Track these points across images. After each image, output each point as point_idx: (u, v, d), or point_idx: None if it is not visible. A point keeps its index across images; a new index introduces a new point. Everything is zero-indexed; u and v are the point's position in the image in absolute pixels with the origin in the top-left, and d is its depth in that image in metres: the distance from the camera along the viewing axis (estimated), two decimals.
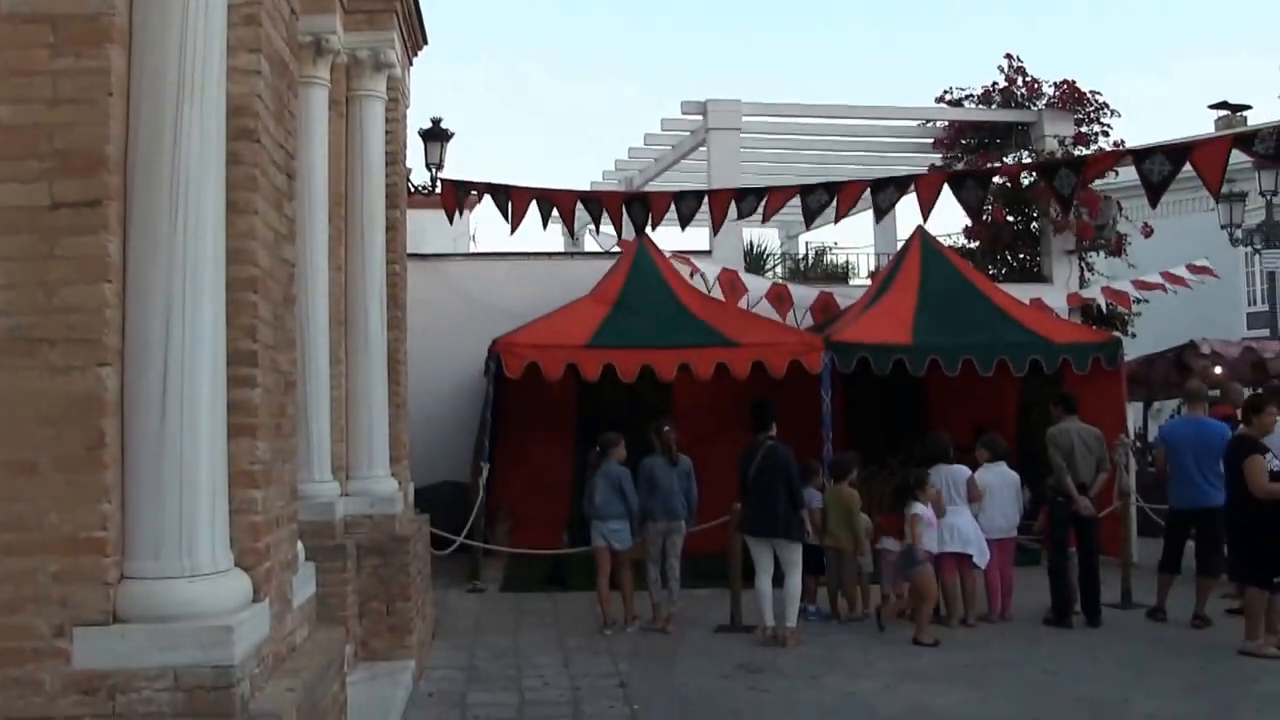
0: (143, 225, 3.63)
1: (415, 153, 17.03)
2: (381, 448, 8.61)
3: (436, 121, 17.48)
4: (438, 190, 15.96)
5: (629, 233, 14.20)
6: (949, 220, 53.77)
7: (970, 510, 10.43)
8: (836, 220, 12.43)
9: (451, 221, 14.59)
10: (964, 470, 10.59)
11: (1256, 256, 23.46)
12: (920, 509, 9.96)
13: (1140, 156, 10.60)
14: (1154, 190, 9.77)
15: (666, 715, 7.68)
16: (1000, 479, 10.77)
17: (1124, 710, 7.74)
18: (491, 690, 8.27)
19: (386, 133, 8.91)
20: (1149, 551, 11.26)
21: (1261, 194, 21.28)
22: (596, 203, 13.60)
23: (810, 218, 12.57)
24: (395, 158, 9.30)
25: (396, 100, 9.30)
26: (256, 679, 3.86)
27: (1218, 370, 15.11)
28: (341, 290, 8.33)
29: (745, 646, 9.64)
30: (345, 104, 8.44)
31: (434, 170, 17.38)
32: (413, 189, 16.55)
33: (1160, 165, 10.01)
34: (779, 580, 9.84)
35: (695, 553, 11.20)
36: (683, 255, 15.77)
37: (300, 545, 5.06)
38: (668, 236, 14.80)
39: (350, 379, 8.41)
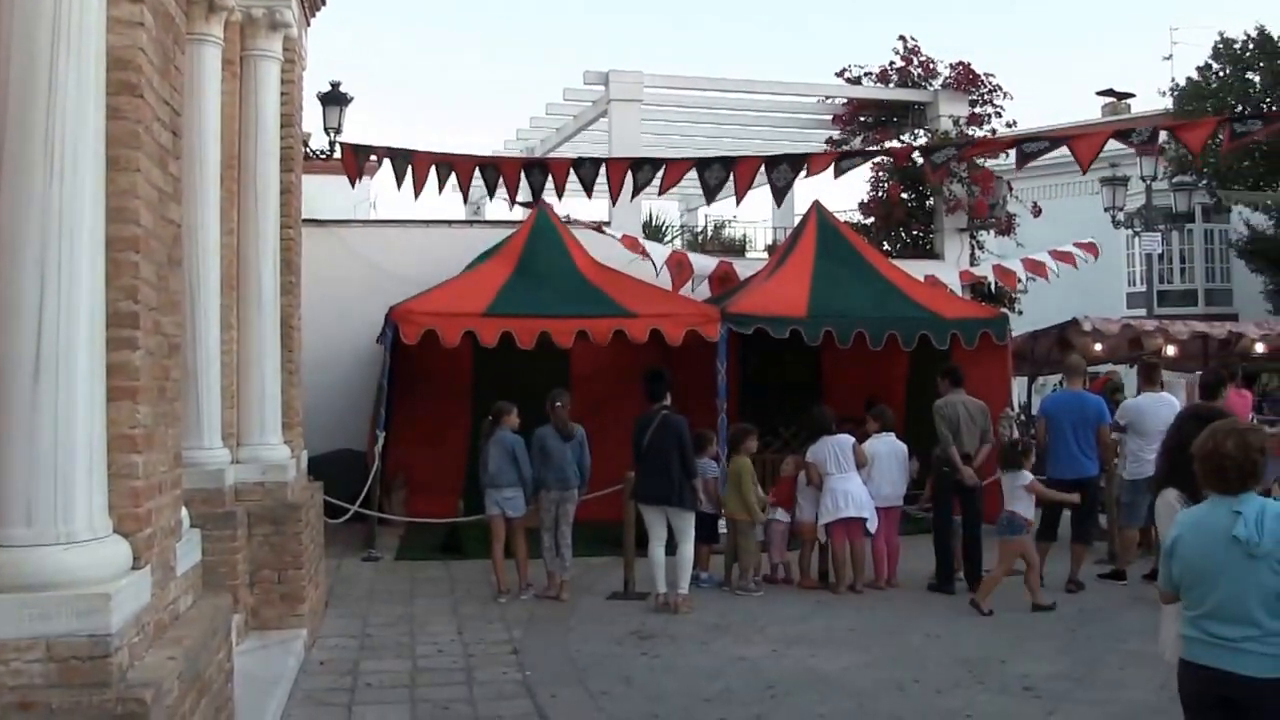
0: (14, 179, 3.54)
1: (314, 117, 16.82)
2: (274, 414, 8.53)
3: (335, 85, 17.25)
4: (336, 155, 15.77)
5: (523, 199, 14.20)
6: (845, 196, 54.57)
7: (858, 476, 10.69)
8: (738, 201, 12.57)
9: (353, 186, 14.43)
10: (849, 438, 10.82)
11: (1136, 239, 24.18)
12: (1029, 476, 10.01)
13: (1023, 140, 10.92)
14: (1024, 159, 10.07)
15: (559, 681, 7.74)
16: (888, 449, 11.04)
17: (1000, 670, 7.99)
18: (384, 658, 8.27)
19: (282, 94, 8.77)
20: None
21: (1142, 179, 21.95)
22: (494, 169, 13.51)
23: (709, 193, 12.67)
24: (291, 120, 9.16)
25: (293, 62, 9.16)
26: (136, 648, 3.82)
27: (1098, 347, 15.58)
28: (234, 254, 8.21)
29: (638, 613, 9.75)
30: (239, 64, 8.27)
31: (333, 135, 17.15)
32: (311, 153, 16.34)
33: (1039, 147, 10.32)
34: (672, 548, 9.95)
35: (590, 520, 11.29)
36: (594, 224, 15.78)
37: (185, 512, 5.02)
38: (569, 208, 14.78)
39: (242, 344, 8.30)
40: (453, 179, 13.66)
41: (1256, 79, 28.13)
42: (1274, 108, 27.96)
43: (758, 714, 7.04)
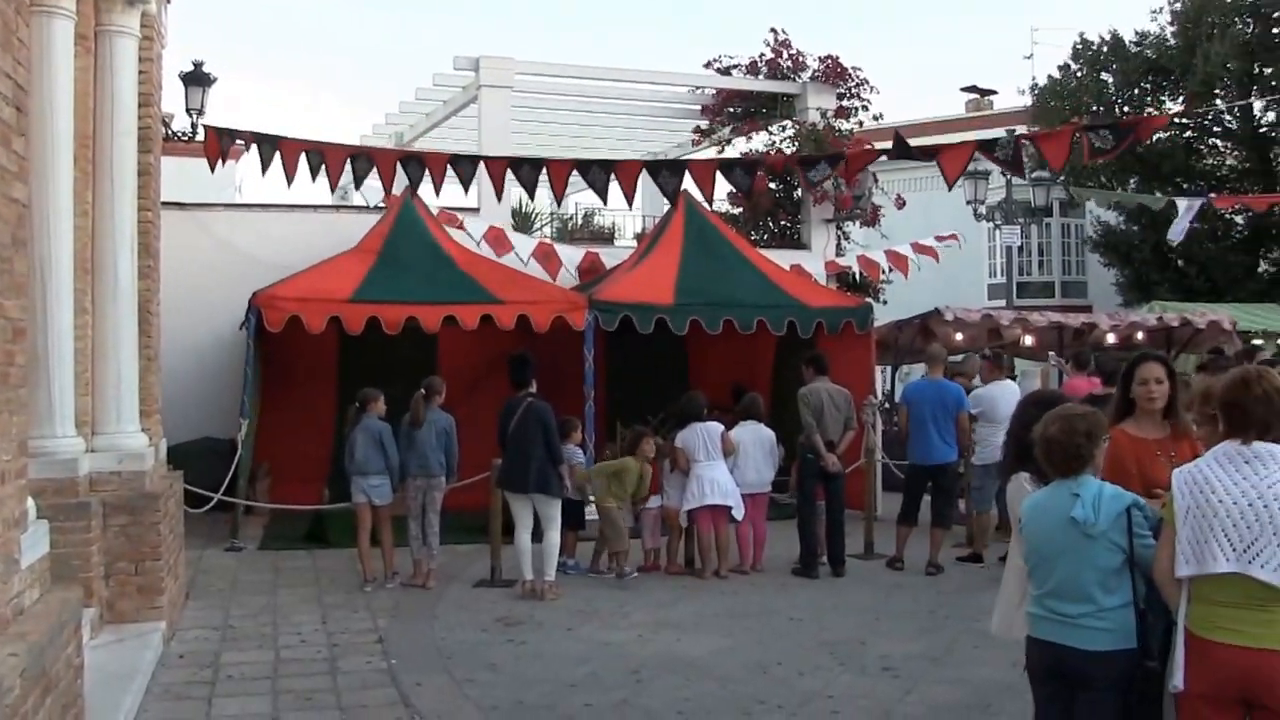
0: None
1: (176, 97, 16.38)
2: (131, 402, 8.30)
3: (198, 65, 16.76)
4: (199, 137, 15.37)
5: (397, 189, 13.97)
6: (714, 187, 55.05)
7: (726, 464, 10.82)
8: (629, 203, 12.62)
9: (213, 170, 14.06)
10: (718, 426, 10.96)
11: (997, 232, 24.84)
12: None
13: (892, 154, 11.16)
14: (896, 157, 10.31)
15: (424, 669, 7.70)
16: (753, 436, 11.18)
17: (861, 651, 8.19)
18: (246, 649, 8.13)
19: (140, 73, 8.51)
20: (892, 505, 11.85)
21: (1003, 174, 22.51)
22: (368, 159, 13.24)
23: (600, 192, 12.73)
24: (149, 100, 8.92)
25: (151, 39, 8.91)
26: None
27: (959, 336, 16.00)
28: (89, 237, 7.97)
29: (505, 600, 9.74)
30: (94, 39, 7.99)
31: (195, 116, 16.69)
32: (172, 135, 15.90)
33: (905, 150, 10.57)
34: (538, 535, 9.97)
35: (457, 508, 11.23)
36: (449, 212, 15.60)
37: (31, 502, 4.87)
38: (433, 193, 14.57)
39: (97, 330, 8.06)
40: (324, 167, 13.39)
41: (1110, 80, 29.14)
42: (1126, 109, 29.02)
43: (623, 698, 7.10)
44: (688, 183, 13.14)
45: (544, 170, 12.22)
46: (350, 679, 7.42)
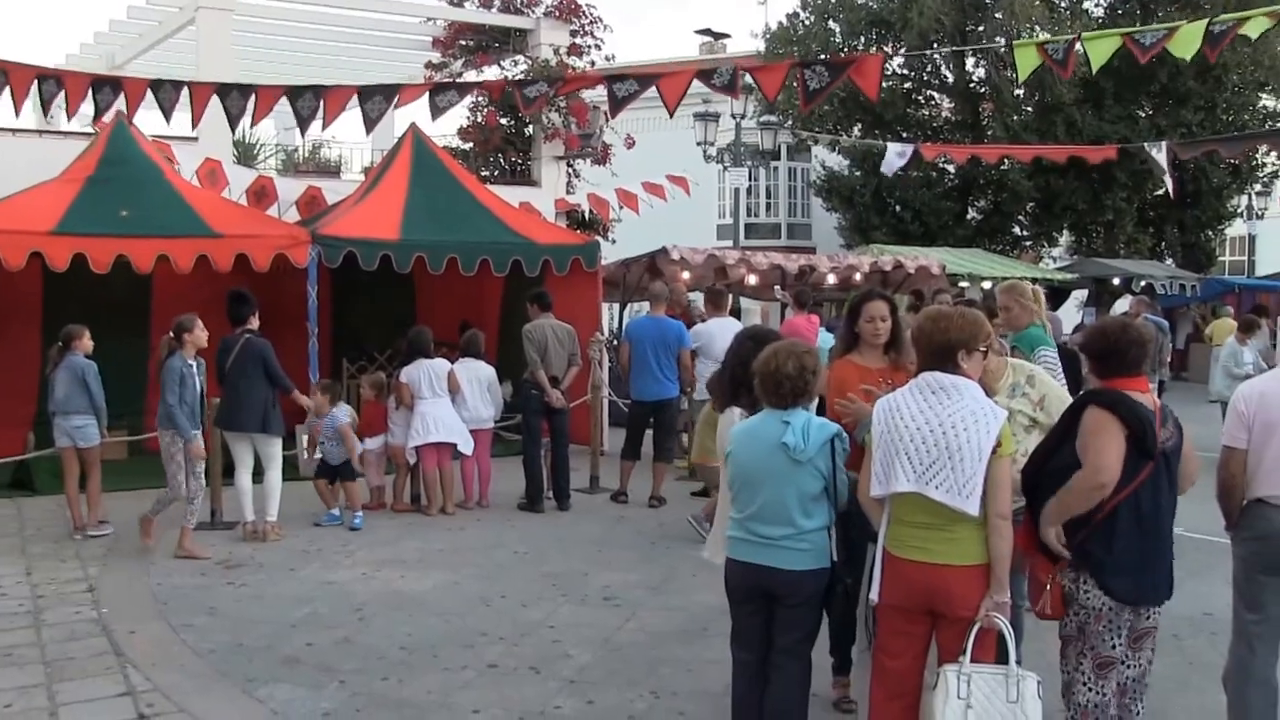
0: None
1: None
2: None
3: None
4: None
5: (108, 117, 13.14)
6: (444, 121, 54.23)
7: (450, 401, 10.83)
8: (324, 127, 12.15)
9: None
10: (444, 363, 10.95)
11: (726, 173, 25.52)
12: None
13: (612, 79, 11.20)
14: (617, 104, 10.41)
15: (138, 617, 7.47)
16: (473, 373, 11.22)
17: (583, 583, 8.41)
18: None
19: None
20: (618, 440, 12.10)
21: (732, 116, 23.13)
22: (56, 81, 12.18)
23: (302, 124, 12.19)
24: None
25: None
26: None
27: (686, 275, 16.39)
28: None
29: (225, 543, 9.52)
30: None
31: None
32: None
33: (628, 86, 10.64)
34: (260, 475, 9.75)
35: None
36: (162, 141, 14.82)
37: None
38: (150, 120, 13.81)
39: None
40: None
41: (837, 28, 30.24)
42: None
43: (345, 636, 7.09)
44: (415, 111, 12.71)
45: (253, 99, 11.63)
46: (56, 631, 7.13)
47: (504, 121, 18.59)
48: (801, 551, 4.60)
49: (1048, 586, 4.42)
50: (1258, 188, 32.78)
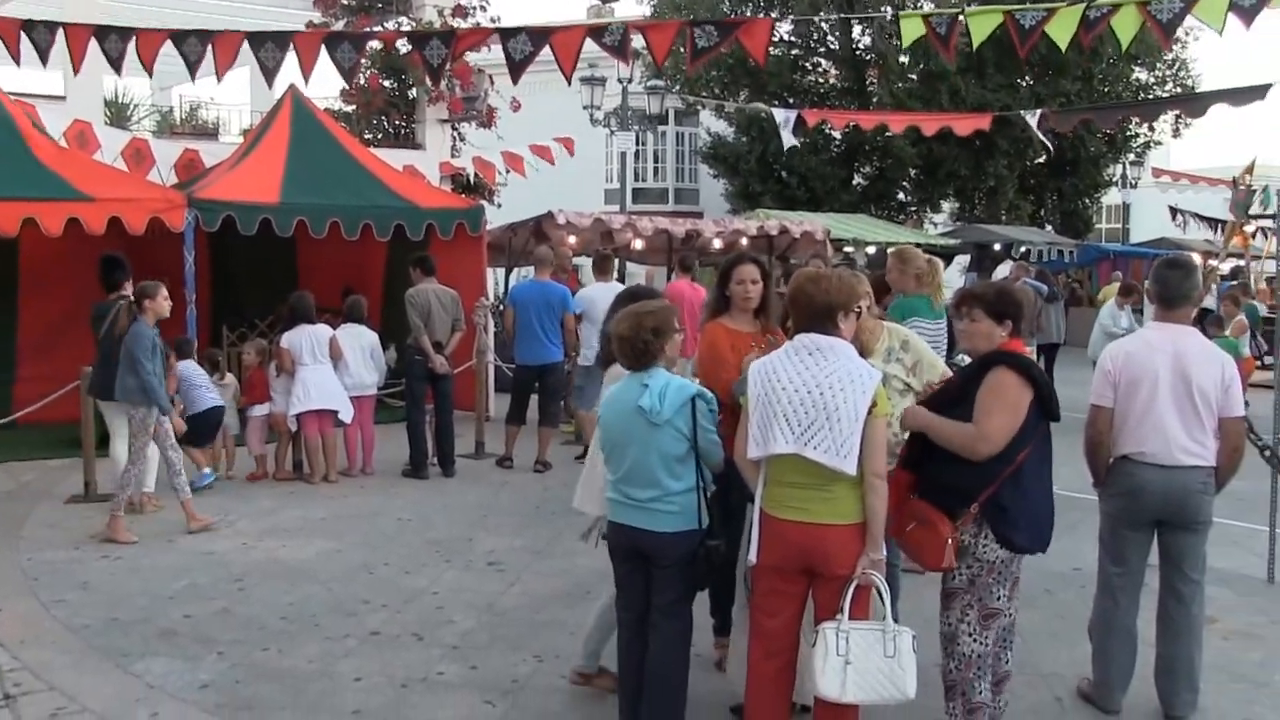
0: None
1: None
2: None
3: None
4: None
5: None
6: (325, 83, 52.98)
7: (333, 368, 10.69)
8: (219, 79, 11.74)
9: None
10: (326, 329, 10.79)
11: (613, 138, 25.45)
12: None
13: (506, 35, 11.03)
14: (516, 67, 10.27)
15: (6, 593, 7.23)
16: (359, 339, 11.09)
17: (467, 548, 8.39)
18: None
19: None
20: (504, 406, 12.02)
21: (619, 81, 23.06)
22: None
23: (191, 68, 11.76)
24: None
25: None
26: None
27: (572, 240, 16.34)
28: None
29: (100, 516, 9.21)
30: None
31: None
32: None
33: (523, 45, 10.49)
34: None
35: (46, 420, 10.53)
36: (25, 101, 14.24)
37: None
38: (9, 76, 13.22)
39: None
40: None
41: None
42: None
43: (224, 607, 6.98)
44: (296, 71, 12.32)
45: (134, 43, 11.13)
46: None
47: (387, 84, 18.29)
48: (670, 513, 4.63)
49: (949, 539, 4.49)
50: (1131, 157, 33.73)
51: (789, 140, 17.13)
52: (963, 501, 4.55)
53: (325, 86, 43.35)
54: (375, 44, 15.80)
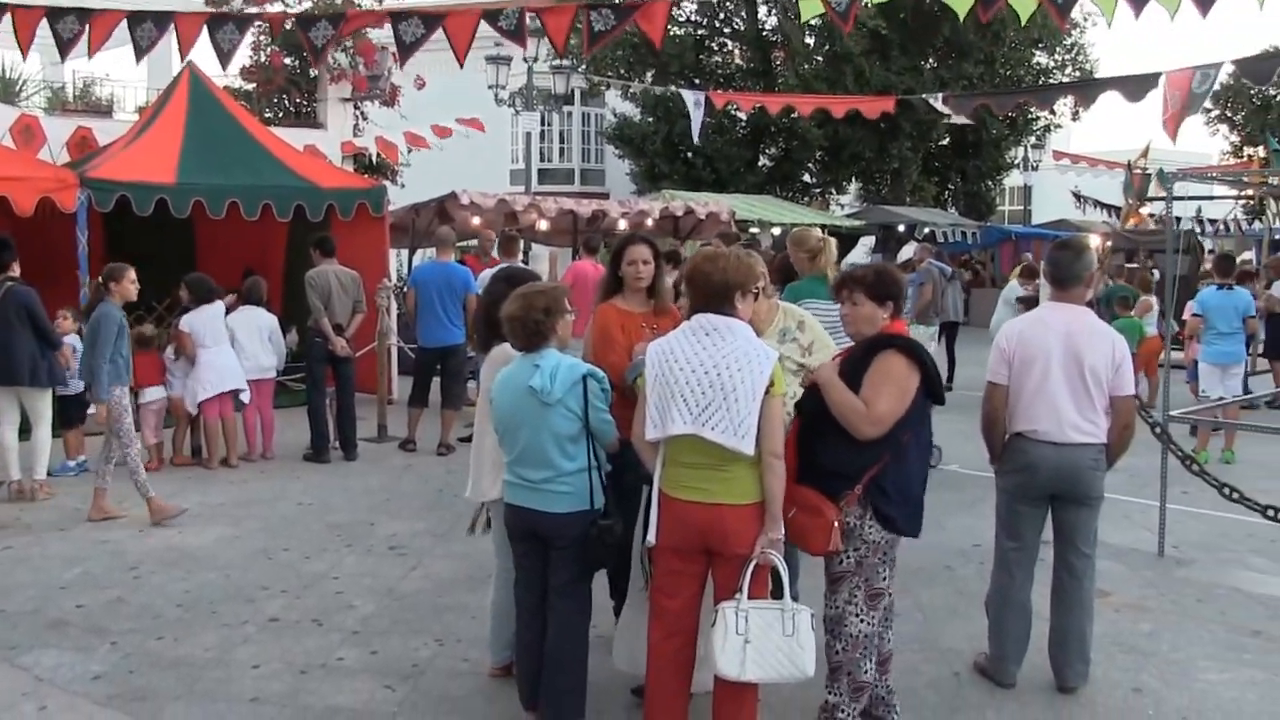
0: None
1: None
2: None
3: None
4: None
5: None
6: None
7: (231, 348, 10.52)
8: (90, 54, 11.41)
9: None
10: (220, 308, 10.60)
11: (518, 118, 25.29)
12: None
13: (398, 18, 10.88)
14: (406, 50, 10.14)
15: None
16: (257, 321, 10.93)
17: (369, 533, 8.30)
18: None
19: None
20: (407, 388, 11.91)
21: (525, 60, 22.89)
22: None
23: (64, 48, 11.44)
24: None
25: None
26: None
27: (476, 220, 16.22)
28: None
29: None
30: None
31: None
32: None
33: (415, 28, 10.36)
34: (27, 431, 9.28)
35: None
36: None
37: None
38: None
39: None
40: None
41: None
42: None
43: (118, 596, 6.83)
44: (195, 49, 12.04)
45: (10, 18, 10.78)
46: None
47: (288, 62, 18.00)
48: (563, 494, 4.62)
49: (835, 523, 4.51)
50: (1033, 140, 34.35)
51: (698, 125, 17.18)
52: (846, 483, 4.59)
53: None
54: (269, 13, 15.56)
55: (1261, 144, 32.13)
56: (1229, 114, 37.03)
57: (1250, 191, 24.07)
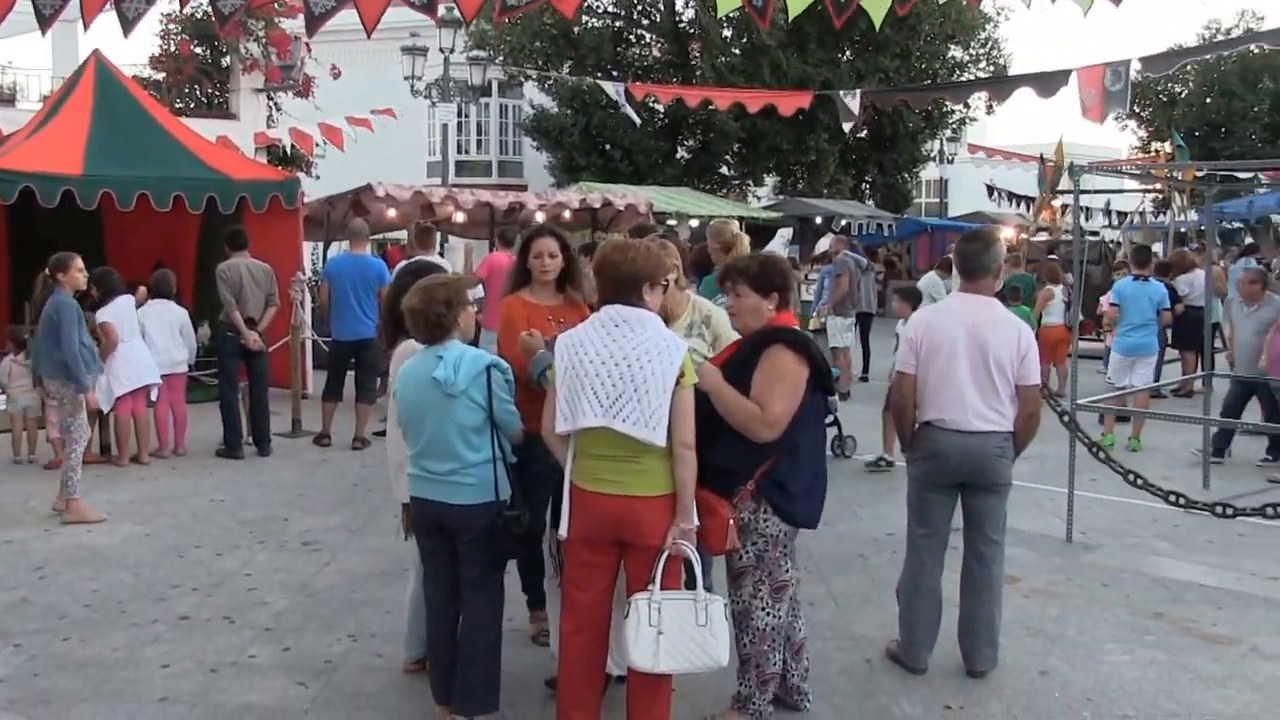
0: None
1: None
2: None
3: None
4: None
5: None
6: (135, 49, 51.09)
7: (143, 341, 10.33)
8: None
9: None
10: (130, 300, 10.41)
11: (435, 109, 25.11)
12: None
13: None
14: (314, 21, 9.95)
15: None
16: (167, 315, 10.75)
17: (282, 528, 8.21)
18: None
19: None
20: (321, 382, 11.79)
21: (441, 50, 22.73)
22: None
23: None
24: None
25: None
26: None
27: (392, 213, 16.08)
28: None
29: None
30: None
31: None
32: None
33: (330, 5, 10.18)
34: None
35: None
36: None
37: None
38: None
39: None
40: None
41: None
42: None
43: (23, 597, 6.68)
44: (100, 37, 11.87)
45: None
46: None
47: (198, 50, 17.68)
48: (468, 485, 4.61)
49: (730, 521, 4.51)
50: (948, 133, 34.80)
51: (634, 113, 17.14)
52: (738, 480, 4.59)
53: (133, 53, 41.74)
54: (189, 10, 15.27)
55: (1168, 139, 32.90)
56: (1137, 110, 37.85)
57: (1158, 186, 24.65)
